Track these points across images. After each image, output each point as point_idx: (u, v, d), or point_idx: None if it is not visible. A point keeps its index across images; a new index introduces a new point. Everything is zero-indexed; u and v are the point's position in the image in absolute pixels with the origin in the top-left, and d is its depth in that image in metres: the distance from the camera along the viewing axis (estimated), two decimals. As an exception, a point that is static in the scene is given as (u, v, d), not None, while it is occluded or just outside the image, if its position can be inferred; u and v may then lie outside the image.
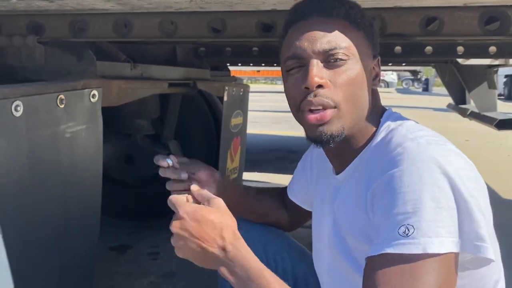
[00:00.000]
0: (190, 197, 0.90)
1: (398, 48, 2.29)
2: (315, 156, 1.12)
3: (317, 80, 0.82)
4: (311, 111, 0.84)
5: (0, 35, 1.45)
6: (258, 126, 6.54)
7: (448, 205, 0.72)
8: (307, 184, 1.14)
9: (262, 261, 1.16)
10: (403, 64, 4.71)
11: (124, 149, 2.55)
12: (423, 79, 22.69)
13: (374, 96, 0.91)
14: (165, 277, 2.13)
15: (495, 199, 3.35)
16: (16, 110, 1.07)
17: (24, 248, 1.14)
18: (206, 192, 0.90)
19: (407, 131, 0.83)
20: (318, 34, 0.84)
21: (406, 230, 0.71)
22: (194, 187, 0.94)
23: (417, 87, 25.85)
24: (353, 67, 0.85)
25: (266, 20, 1.30)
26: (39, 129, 1.15)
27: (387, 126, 0.87)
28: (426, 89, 22.95)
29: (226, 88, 2.30)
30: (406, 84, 27.73)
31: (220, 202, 0.86)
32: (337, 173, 0.95)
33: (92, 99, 1.37)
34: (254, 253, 1.17)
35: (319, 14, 0.86)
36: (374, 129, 0.89)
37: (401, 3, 1.16)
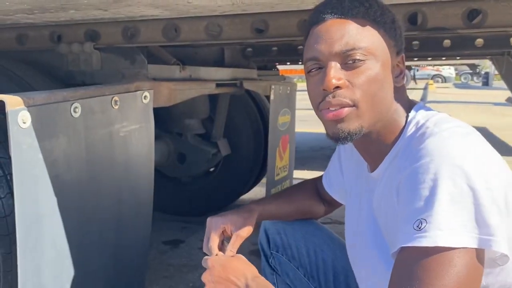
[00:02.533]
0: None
1: (447, 42, 2.25)
2: (343, 155, 1.15)
3: (334, 82, 0.83)
4: (329, 109, 0.86)
5: (61, 43, 1.57)
6: (308, 125, 6.52)
7: (464, 200, 0.72)
8: (341, 180, 1.16)
9: (302, 252, 1.21)
10: (457, 57, 4.56)
11: (176, 148, 2.65)
12: (482, 73, 21.70)
13: (399, 92, 0.91)
14: (215, 271, 2.21)
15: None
16: (75, 111, 1.16)
17: (83, 239, 1.24)
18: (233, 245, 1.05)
19: (434, 125, 0.83)
20: (335, 35, 0.85)
21: (420, 224, 0.72)
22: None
23: (477, 81, 24.73)
24: (372, 67, 0.85)
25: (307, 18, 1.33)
26: (95, 128, 1.25)
27: (416, 122, 0.88)
28: (486, 83, 21.91)
29: (273, 87, 2.34)
30: (464, 78, 26.61)
31: (240, 256, 1.00)
32: (372, 170, 0.96)
33: (144, 100, 1.46)
34: (295, 245, 1.22)
35: (338, 15, 0.86)
36: (402, 125, 0.90)
37: (441, -4, 1.16)
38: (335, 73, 0.84)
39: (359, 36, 0.84)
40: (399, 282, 0.74)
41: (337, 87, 0.84)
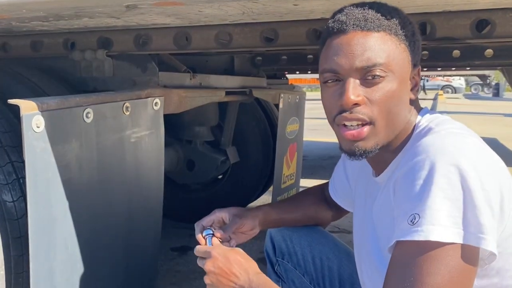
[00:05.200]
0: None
1: (456, 52, 2.25)
2: (348, 161, 1.14)
3: (353, 99, 0.82)
4: (347, 126, 0.85)
5: (75, 50, 1.60)
6: (317, 134, 6.53)
7: (455, 197, 0.73)
8: (347, 187, 1.17)
9: (308, 259, 1.21)
10: (468, 68, 4.55)
11: (185, 155, 2.67)
12: (493, 83, 21.57)
13: (413, 104, 0.91)
14: (223, 278, 2.22)
15: None
16: (87, 116, 1.19)
17: (94, 242, 1.26)
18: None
19: (435, 126, 0.85)
20: (357, 50, 0.82)
21: (414, 218, 0.74)
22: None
23: (487, 92, 24.61)
24: (390, 83, 0.84)
25: (317, 28, 1.35)
26: (107, 134, 1.27)
27: (420, 126, 0.89)
28: (496, 94, 21.80)
29: (282, 95, 2.36)
30: (475, 89, 26.51)
31: (240, 249, 1.01)
32: (377, 175, 0.97)
33: (154, 107, 1.48)
34: (301, 252, 1.22)
35: (360, 28, 0.83)
36: (410, 132, 0.90)
37: (450, 7, 1.17)
38: (354, 89, 0.83)
39: (380, 52, 0.83)
40: (393, 277, 0.76)
41: (356, 104, 0.83)
